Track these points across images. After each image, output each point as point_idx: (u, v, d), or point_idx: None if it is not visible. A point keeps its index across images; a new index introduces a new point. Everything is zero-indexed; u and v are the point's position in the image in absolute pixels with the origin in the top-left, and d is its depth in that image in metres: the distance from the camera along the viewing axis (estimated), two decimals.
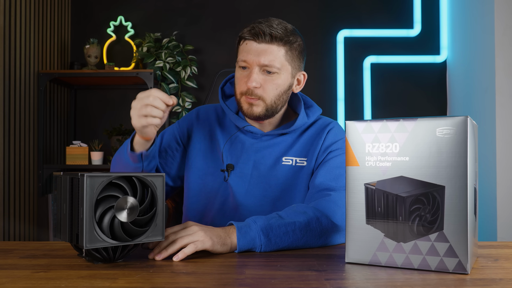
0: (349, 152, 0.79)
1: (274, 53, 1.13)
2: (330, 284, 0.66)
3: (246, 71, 1.16)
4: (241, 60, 1.15)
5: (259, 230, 0.93)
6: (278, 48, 1.13)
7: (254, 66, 1.13)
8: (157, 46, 2.91)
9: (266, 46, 1.12)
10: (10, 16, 2.42)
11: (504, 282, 0.67)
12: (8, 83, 2.41)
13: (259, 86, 1.13)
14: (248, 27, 1.15)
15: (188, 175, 1.24)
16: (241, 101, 1.17)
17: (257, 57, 1.12)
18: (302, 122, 1.21)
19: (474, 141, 0.76)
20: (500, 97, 2.31)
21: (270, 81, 1.14)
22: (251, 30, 1.14)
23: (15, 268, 0.76)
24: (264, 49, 1.12)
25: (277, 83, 1.15)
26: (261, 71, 1.14)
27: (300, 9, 3.06)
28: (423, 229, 0.73)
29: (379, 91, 3.02)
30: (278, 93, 1.16)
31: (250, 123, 1.23)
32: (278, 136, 1.22)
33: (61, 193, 0.79)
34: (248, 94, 1.14)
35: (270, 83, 1.14)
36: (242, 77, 1.16)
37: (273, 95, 1.15)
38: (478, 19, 2.54)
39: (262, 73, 1.14)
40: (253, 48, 1.13)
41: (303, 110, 1.23)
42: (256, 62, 1.12)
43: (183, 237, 0.86)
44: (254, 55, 1.12)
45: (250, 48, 1.13)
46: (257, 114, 1.16)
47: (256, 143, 1.21)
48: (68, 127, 3.09)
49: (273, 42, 1.13)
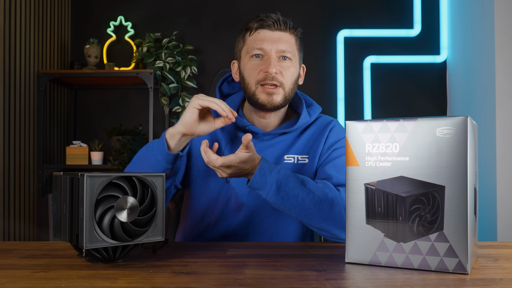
0: (349, 152, 0.79)
1: (288, 40, 1.16)
2: (330, 284, 0.66)
3: (261, 60, 1.15)
4: (256, 48, 1.14)
5: (274, 180, 1.00)
6: (291, 36, 1.17)
7: (272, 52, 1.14)
8: (157, 46, 2.91)
9: (281, 33, 1.15)
10: (10, 16, 2.42)
11: (504, 282, 0.67)
12: (8, 83, 2.41)
13: (279, 73, 1.14)
14: (257, 19, 1.16)
15: (190, 176, 1.23)
16: (256, 92, 1.15)
17: (274, 44, 1.14)
18: (304, 121, 1.21)
19: (474, 141, 0.76)
20: (500, 97, 2.31)
21: (286, 68, 1.15)
22: (263, 20, 1.15)
23: (15, 268, 0.76)
24: (280, 36, 1.15)
25: (292, 71, 1.17)
26: (278, 58, 1.15)
27: (300, 9, 3.06)
28: (423, 229, 0.73)
29: (379, 91, 3.02)
30: (293, 81, 1.18)
31: (253, 121, 1.22)
32: (279, 135, 1.21)
33: (61, 193, 0.79)
34: (268, 80, 1.13)
35: (287, 70, 1.16)
36: (257, 66, 1.15)
37: (290, 82, 1.17)
38: (478, 19, 2.54)
39: (278, 60, 1.15)
40: (268, 36, 1.14)
41: (305, 109, 1.22)
42: (274, 48, 1.14)
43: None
44: (271, 42, 1.14)
45: (265, 36, 1.15)
46: (277, 103, 1.15)
47: (257, 143, 1.20)
48: (68, 127, 3.09)
49: (287, 30, 1.16)
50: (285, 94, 1.15)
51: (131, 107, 3.11)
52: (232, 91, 1.31)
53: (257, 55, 1.15)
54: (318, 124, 1.24)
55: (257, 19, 1.16)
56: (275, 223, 1.19)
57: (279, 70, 1.13)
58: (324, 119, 1.27)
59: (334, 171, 1.14)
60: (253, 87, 1.15)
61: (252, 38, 1.16)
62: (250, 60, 1.16)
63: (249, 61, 1.16)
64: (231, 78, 1.30)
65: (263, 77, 1.13)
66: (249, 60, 1.16)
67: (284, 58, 1.15)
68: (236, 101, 1.27)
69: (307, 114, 1.22)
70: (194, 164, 1.22)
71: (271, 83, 1.13)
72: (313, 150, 1.20)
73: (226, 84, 1.30)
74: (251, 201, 1.17)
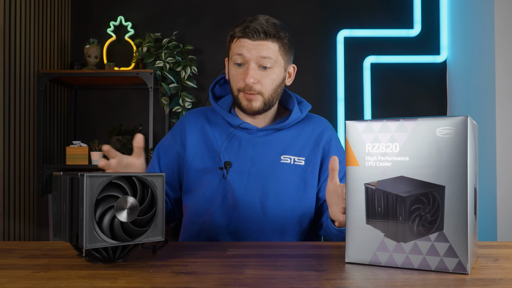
0: (349, 152, 0.79)
1: (268, 48, 1.17)
2: (330, 284, 0.66)
3: (241, 68, 1.18)
4: (236, 55, 1.17)
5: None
6: (272, 43, 1.17)
7: (251, 62, 1.16)
8: (157, 46, 2.91)
9: (261, 42, 1.16)
10: (10, 16, 2.42)
11: (504, 282, 0.67)
12: (8, 83, 2.41)
13: (257, 82, 1.17)
14: (240, 26, 1.19)
15: (188, 176, 1.25)
16: (239, 97, 1.20)
17: (253, 53, 1.16)
18: (296, 116, 1.25)
19: (474, 141, 0.76)
20: (500, 97, 2.31)
21: (266, 76, 1.18)
22: (245, 29, 1.17)
23: (15, 268, 0.76)
24: (260, 44, 1.16)
25: (273, 78, 1.19)
26: (258, 66, 1.17)
27: (300, 9, 3.06)
28: (423, 229, 0.73)
29: (379, 91, 3.02)
30: (274, 87, 1.20)
31: (244, 120, 1.25)
32: (273, 132, 1.24)
33: (61, 193, 0.79)
34: (246, 90, 1.18)
35: (267, 78, 1.18)
36: (238, 74, 1.19)
37: (270, 89, 1.19)
38: (478, 19, 2.54)
39: (258, 69, 1.17)
40: (248, 45, 1.16)
41: (296, 106, 1.27)
42: (253, 58, 1.16)
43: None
44: (250, 52, 1.16)
45: (245, 45, 1.16)
46: (256, 109, 1.20)
47: (252, 139, 1.23)
48: (68, 127, 3.09)
49: (267, 39, 1.16)
50: (264, 100, 1.19)
51: (131, 107, 3.10)
52: (224, 93, 1.36)
53: (239, 64, 1.18)
54: (313, 126, 1.28)
55: (241, 27, 1.18)
56: (274, 219, 1.20)
57: (257, 79, 1.17)
58: (318, 120, 1.31)
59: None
60: (235, 92, 1.21)
61: (235, 46, 1.19)
62: (233, 66, 1.20)
63: (232, 68, 1.21)
64: (223, 80, 1.35)
65: (243, 86, 1.18)
66: (232, 67, 1.21)
67: (264, 68, 1.17)
68: (229, 101, 1.31)
69: (298, 110, 1.27)
70: (191, 166, 1.24)
71: (249, 92, 1.18)
72: (311, 155, 1.24)
73: (218, 87, 1.34)
74: (247, 197, 1.19)
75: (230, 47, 1.22)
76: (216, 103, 1.28)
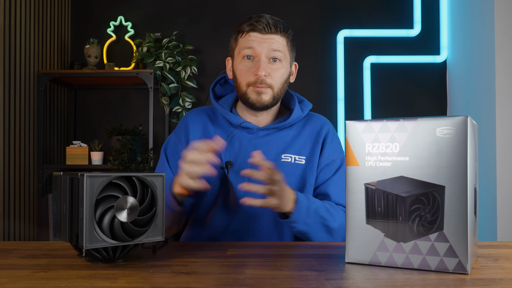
0: (349, 152, 0.79)
1: (279, 42, 1.18)
2: (330, 284, 0.66)
3: (251, 62, 1.19)
4: (246, 49, 1.18)
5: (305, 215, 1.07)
6: (281, 37, 1.19)
7: (261, 55, 1.17)
8: (157, 46, 2.91)
9: (271, 36, 1.18)
10: (10, 16, 2.42)
11: (504, 282, 0.67)
12: (8, 83, 2.41)
13: (268, 75, 1.18)
14: (247, 22, 1.19)
15: None
16: (247, 91, 1.20)
17: (264, 46, 1.17)
18: (297, 115, 1.25)
19: (474, 141, 0.76)
20: (500, 97, 2.31)
21: (276, 69, 1.19)
22: (254, 23, 1.18)
23: (15, 268, 0.76)
24: (270, 38, 1.17)
25: (282, 72, 1.21)
26: (268, 60, 1.18)
27: (300, 9, 3.06)
28: (423, 229, 0.73)
29: (379, 91, 3.02)
30: (283, 81, 1.22)
31: (246, 119, 1.24)
32: (274, 132, 1.24)
33: (61, 193, 0.79)
34: (257, 83, 1.18)
35: (277, 72, 1.19)
36: (248, 68, 1.19)
37: (280, 83, 1.21)
38: (478, 19, 2.54)
39: (268, 62, 1.18)
40: (259, 39, 1.17)
41: (297, 105, 1.27)
42: (264, 51, 1.17)
43: (273, 199, 1.01)
44: (261, 45, 1.17)
45: (255, 38, 1.18)
46: (266, 103, 1.20)
47: (253, 139, 1.23)
48: (68, 127, 3.09)
49: (277, 32, 1.18)
50: (273, 94, 1.20)
51: (131, 107, 3.11)
52: (224, 93, 1.36)
53: (248, 56, 1.19)
54: (313, 124, 1.28)
55: (249, 22, 1.19)
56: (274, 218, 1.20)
57: (268, 73, 1.18)
58: (318, 118, 1.31)
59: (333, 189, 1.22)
60: (244, 87, 1.21)
61: (244, 40, 1.20)
62: (241, 61, 1.20)
63: (240, 62, 1.21)
64: (223, 80, 1.35)
65: (254, 80, 1.18)
66: (241, 61, 1.21)
67: (274, 60, 1.19)
68: (230, 101, 1.31)
69: (299, 109, 1.27)
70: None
71: (260, 86, 1.18)
72: (311, 153, 1.24)
73: (219, 86, 1.35)
74: (248, 196, 1.18)
75: (237, 43, 1.22)
76: (217, 102, 1.28)
